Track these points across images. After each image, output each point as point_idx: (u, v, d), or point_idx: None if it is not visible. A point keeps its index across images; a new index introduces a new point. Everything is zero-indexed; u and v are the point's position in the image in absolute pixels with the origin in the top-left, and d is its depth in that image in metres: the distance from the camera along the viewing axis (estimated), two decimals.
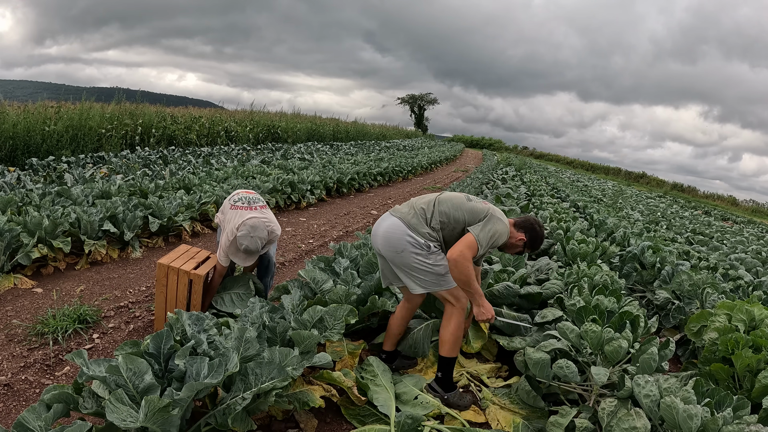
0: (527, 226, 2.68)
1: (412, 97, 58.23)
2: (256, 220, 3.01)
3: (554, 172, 24.78)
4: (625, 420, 2.09)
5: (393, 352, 2.92)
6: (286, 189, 8.06)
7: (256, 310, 2.63)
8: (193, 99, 50.12)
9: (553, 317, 3.10)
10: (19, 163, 8.58)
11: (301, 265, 5.08)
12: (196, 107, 18.56)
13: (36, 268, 4.14)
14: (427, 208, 2.60)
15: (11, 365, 2.74)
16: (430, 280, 2.55)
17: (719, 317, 3.06)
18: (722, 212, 24.90)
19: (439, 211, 2.58)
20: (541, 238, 2.72)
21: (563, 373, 2.39)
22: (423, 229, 2.53)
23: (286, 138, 18.57)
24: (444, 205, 2.60)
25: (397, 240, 2.54)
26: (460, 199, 2.63)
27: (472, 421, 2.53)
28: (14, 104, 10.35)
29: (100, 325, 3.30)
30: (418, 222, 2.54)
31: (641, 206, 15.86)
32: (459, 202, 2.62)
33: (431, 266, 2.53)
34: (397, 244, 2.54)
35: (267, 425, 2.32)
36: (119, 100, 12.85)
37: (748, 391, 2.47)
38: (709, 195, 34.97)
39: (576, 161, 44.76)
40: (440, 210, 2.58)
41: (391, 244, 2.56)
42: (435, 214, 2.57)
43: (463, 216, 2.55)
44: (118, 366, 1.78)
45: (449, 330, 2.60)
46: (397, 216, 2.59)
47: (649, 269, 4.70)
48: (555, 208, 7.95)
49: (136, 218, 4.93)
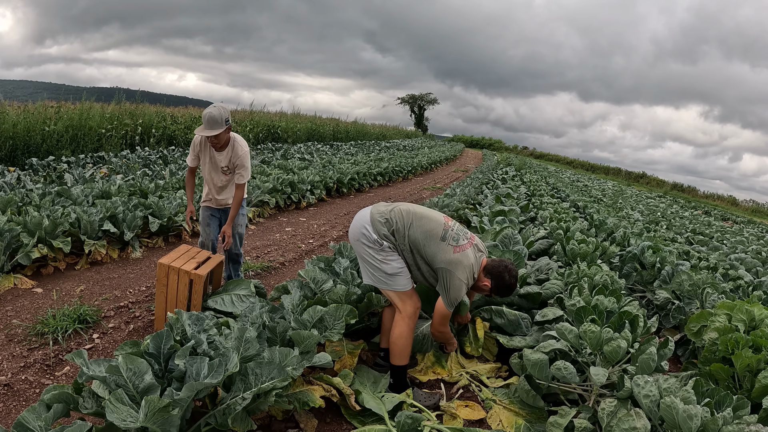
0: (495, 274, 2.64)
1: (412, 97, 58.22)
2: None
3: (554, 172, 24.78)
4: (625, 420, 2.09)
5: None
6: (286, 189, 8.06)
7: (256, 310, 2.63)
8: (193, 99, 50.15)
9: (554, 316, 3.10)
10: (19, 163, 8.57)
11: (301, 265, 5.08)
12: (196, 107, 18.56)
13: (36, 268, 4.14)
14: (400, 221, 2.59)
15: (11, 365, 2.74)
16: (378, 276, 2.61)
17: (719, 317, 3.06)
18: (722, 212, 24.90)
19: (407, 234, 2.58)
20: (508, 287, 2.66)
21: (561, 374, 2.39)
22: (382, 231, 2.57)
23: (286, 138, 18.56)
24: (415, 231, 2.58)
25: (356, 229, 2.65)
26: (434, 235, 2.57)
27: (473, 419, 2.54)
28: (14, 104, 10.34)
29: (100, 325, 3.30)
30: (381, 226, 2.58)
31: (641, 206, 15.86)
32: (431, 237, 2.57)
33: (380, 262, 2.57)
34: (355, 233, 2.65)
35: (267, 425, 2.32)
36: (119, 100, 12.85)
37: (748, 391, 2.47)
38: (709, 195, 34.97)
39: (576, 161, 44.75)
40: (409, 234, 2.58)
41: (353, 232, 2.68)
42: (400, 231, 2.58)
43: (425, 252, 2.57)
44: (118, 366, 1.78)
45: (394, 335, 2.61)
46: (370, 209, 2.67)
47: (649, 269, 4.70)
48: (555, 208, 7.95)
49: (136, 218, 4.93)
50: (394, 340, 2.60)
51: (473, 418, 2.55)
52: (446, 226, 2.62)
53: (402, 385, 2.66)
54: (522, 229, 6.11)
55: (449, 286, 2.52)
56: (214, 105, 3.19)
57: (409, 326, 2.59)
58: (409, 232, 2.57)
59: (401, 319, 2.59)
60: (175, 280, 3.01)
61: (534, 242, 5.34)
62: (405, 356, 2.62)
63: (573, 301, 3.02)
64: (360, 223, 2.64)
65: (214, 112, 3.14)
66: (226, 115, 3.20)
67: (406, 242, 2.58)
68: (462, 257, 2.54)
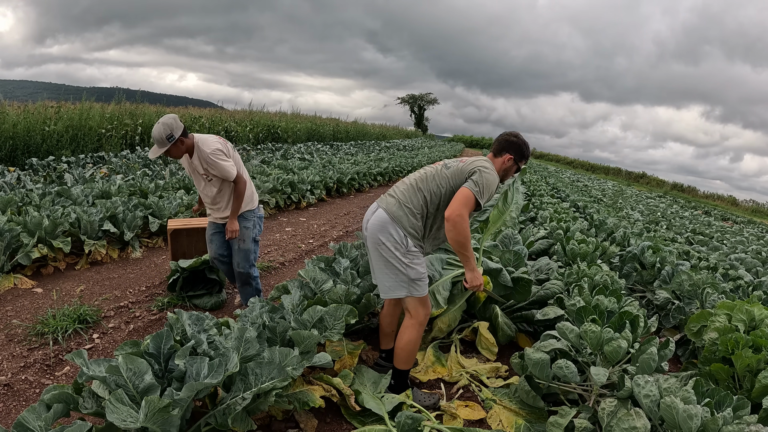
0: (506, 144, 2.55)
1: (412, 97, 58.25)
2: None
3: (554, 172, 24.78)
4: (625, 420, 2.09)
5: (391, 351, 2.87)
6: (286, 189, 8.06)
7: (256, 309, 2.63)
8: (193, 99, 50.15)
9: (555, 315, 3.10)
10: (19, 163, 8.58)
11: (301, 265, 5.08)
12: (196, 107, 18.57)
13: (36, 268, 4.14)
14: (410, 194, 2.45)
15: (11, 365, 2.74)
16: (399, 281, 2.42)
17: (719, 317, 3.05)
18: (722, 212, 24.89)
19: (422, 196, 2.43)
20: (525, 144, 2.57)
21: (563, 373, 2.39)
22: (406, 222, 2.40)
23: (286, 138, 18.57)
24: (428, 183, 2.45)
25: (377, 231, 2.41)
26: (437, 171, 2.49)
27: (473, 419, 2.54)
28: (14, 104, 10.35)
29: (100, 325, 3.30)
30: (403, 213, 2.41)
31: (641, 206, 15.86)
32: (437, 174, 2.48)
33: (405, 266, 2.40)
34: (376, 236, 2.41)
35: (267, 425, 2.32)
36: (119, 100, 12.86)
37: (748, 391, 2.47)
38: (709, 195, 34.97)
39: (576, 161, 44.78)
40: (423, 195, 2.43)
41: (372, 235, 2.44)
42: (419, 200, 2.43)
43: (449, 185, 2.43)
44: (118, 366, 1.78)
45: (403, 341, 2.51)
46: (383, 206, 2.46)
47: (649, 269, 4.70)
48: (555, 208, 7.95)
49: (136, 218, 4.93)
50: (402, 346, 2.51)
51: (473, 418, 2.55)
52: (445, 164, 2.55)
53: (403, 386, 2.64)
54: (522, 229, 6.11)
55: (482, 180, 2.35)
56: (159, 122, 3.00)
57: (419, 333, 2.53)
58: (440, 184, 2.44)
59: (412, 325, 2.49)
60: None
61: (534, 242, 5.35)
62: (411, 361, 2.59)
63: (573, 301, 3.02)
64: (380, 224, 2.41)
65: (155, 131, 2.97)
66: (168, 131, 2.97)
67: (441, 199, 2.42)
68: (474, 159, 2.48)
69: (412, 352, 2.53)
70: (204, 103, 34.21)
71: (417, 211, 2.44)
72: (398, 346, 2.54)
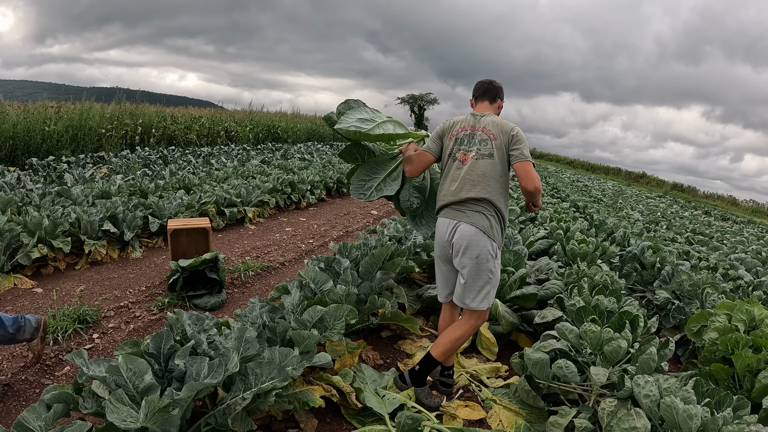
0: (497, 91, 2.67)
1: (412, 97, 58.24)
2: None
3: (554, 172, 24.78)
4: (625, 420, 2.09)
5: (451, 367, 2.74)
6: (286, 189, 8.06)
7: (256, 309, 2.63)
8: (193, 99, 50.12)
9: (553, 317, 3.10)
10: (19, 163, 8.58)
11: (301, 265, 5.08)
12: (196, 107, 18.57)
13: (36, 268, 4.14)
14: (479, 200, 2.44)
15: (11, 365, 2.74)
16: (484, 287, 2.45)
17: (719, 317, 3.05)
18: (722, 212, 24.89)
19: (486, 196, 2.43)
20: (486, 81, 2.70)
21: (562, 373, 2.39)
22: (494, 231, 2.44)
23: (286, 138, 18.57)
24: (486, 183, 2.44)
25: (474, 249, 2.41)
26: (484, 171, 2.45)
27: (473, 419, 2.54)
28: (14, 104, 10.36)
29: (100, 325, 3.30)
30: (489, 224, 2.43)
31: (641, 206, 15.87)
32: (485, 174, 2.44)
33: (494, 273, 2.47)
34: (473, 255, 2.42)
35: (267, 425, 2.32)
36: (119, 100, 12.87)
37: (748, 391, 2.47)
38: (709, 195, 34.96)
39: (576, 161, 44.75)
40: (485, 195, 2.42)
41: (470, 254, 2.42)
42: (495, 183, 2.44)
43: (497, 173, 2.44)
44: (118, 366, 1.78)
45: (453, 336, 2.54)
46: (467, 222, 2.43)
47: (649, 269, 4.70)
48: (555, 208, 7.95)
49: (136, 218, 4.93)
50: (452, 338, 2.52)
51: (473, 418, 2.55)
52: (462, 153, 2.54)
53: (424, 378, 2.62)
54: (522, 229, 6.11)
55: (526, 143, 2.43)
56: None
57: (471, 335, 2.60)
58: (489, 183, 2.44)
59: (470, 326, 2.53)
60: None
61: (534, 242, 5.35)
62: (451, 356, 2.66)
63: (573, 301, 3.02)
64: (472, 239, 2.40)
65: None
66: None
67: (500, 187, 2.46)
68: (495, 130, 2.46)
69: (454, 349, 2.58)
70: (204, 103, 34.20)
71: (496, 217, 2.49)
72: (448, 338, 2.55)
